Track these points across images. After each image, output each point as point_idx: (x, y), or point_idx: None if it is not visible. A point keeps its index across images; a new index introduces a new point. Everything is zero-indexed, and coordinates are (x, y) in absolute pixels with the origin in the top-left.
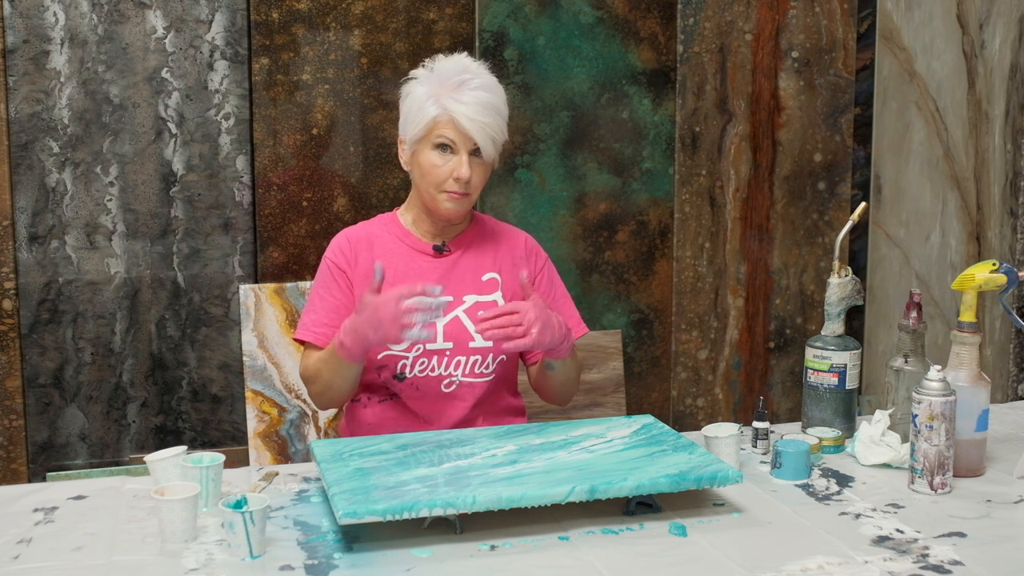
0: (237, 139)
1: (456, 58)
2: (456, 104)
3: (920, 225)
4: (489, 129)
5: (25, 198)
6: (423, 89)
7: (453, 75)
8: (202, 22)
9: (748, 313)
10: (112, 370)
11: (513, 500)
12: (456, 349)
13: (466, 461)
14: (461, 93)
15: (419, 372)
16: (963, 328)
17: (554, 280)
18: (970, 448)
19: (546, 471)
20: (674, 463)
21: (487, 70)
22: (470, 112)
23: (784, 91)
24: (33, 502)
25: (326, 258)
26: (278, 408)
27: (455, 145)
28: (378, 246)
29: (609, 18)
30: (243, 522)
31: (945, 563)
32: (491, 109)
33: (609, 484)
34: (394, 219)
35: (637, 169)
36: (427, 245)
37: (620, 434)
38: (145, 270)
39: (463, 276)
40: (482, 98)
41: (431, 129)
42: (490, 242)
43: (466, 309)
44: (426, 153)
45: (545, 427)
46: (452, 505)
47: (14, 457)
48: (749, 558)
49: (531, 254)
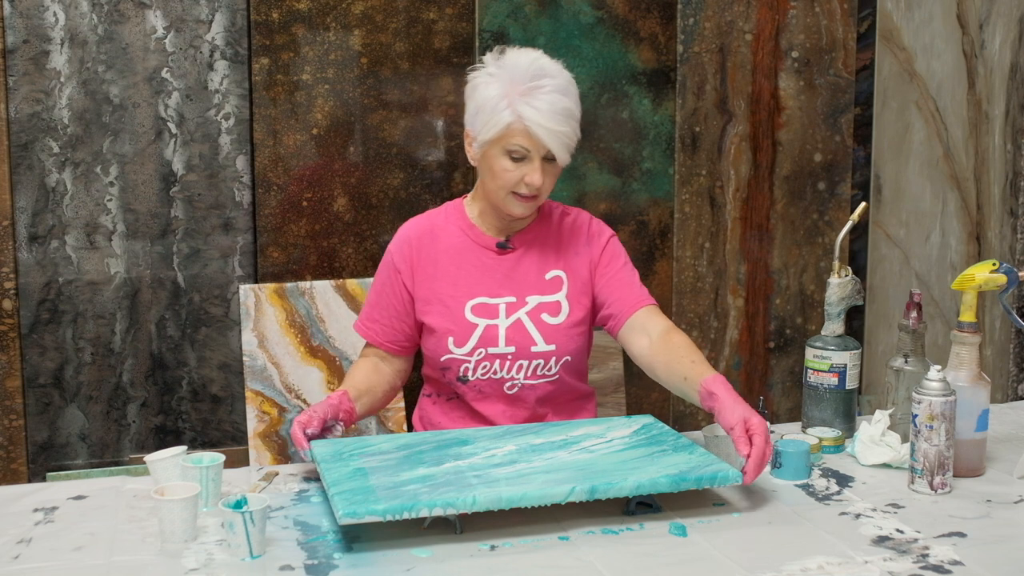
0: (237, 139)
1: (529, 54)
2: (531, 111)
3: (920, 225)
4: (564, 137)
5: (25, 198)
6: (495, 88)
7: (527, 78)
8: (202, 22)
9: (748, 313)
10: (112, 370)
11: (514, 500)
12: (518, 353)
13: (466, 461)
14: (535, 98)
15: (481, 375)
16: (963, 328)
17: (615, 255)
18: (970, 448)
19: (546, 471)
20: (674, 463)
21: (562, 68)
22: (545, 120)
23: (784, 91)
24: (33, 502)
25: (389, 251)
26: (278, 408)
27: (529, 153)
28: (442, 239)
29: (609, 18)
30: (243, 522)
31: (945, 563)
32: (566, 115)
33: (610, 484)
34: (460, 209)
35: (637, 169)
36: (491, 240)
37: (620, 434)
38: (145, 270)
39: (526, 275)
40: (557, 104)
41: (504, 135)
42: (554, 237)
43: (528, 311)
44: (498, 158)
45: (545, 427)
46: (452, 505)
47: (14, 457)
48: (749, 558)
49: (593, 239)
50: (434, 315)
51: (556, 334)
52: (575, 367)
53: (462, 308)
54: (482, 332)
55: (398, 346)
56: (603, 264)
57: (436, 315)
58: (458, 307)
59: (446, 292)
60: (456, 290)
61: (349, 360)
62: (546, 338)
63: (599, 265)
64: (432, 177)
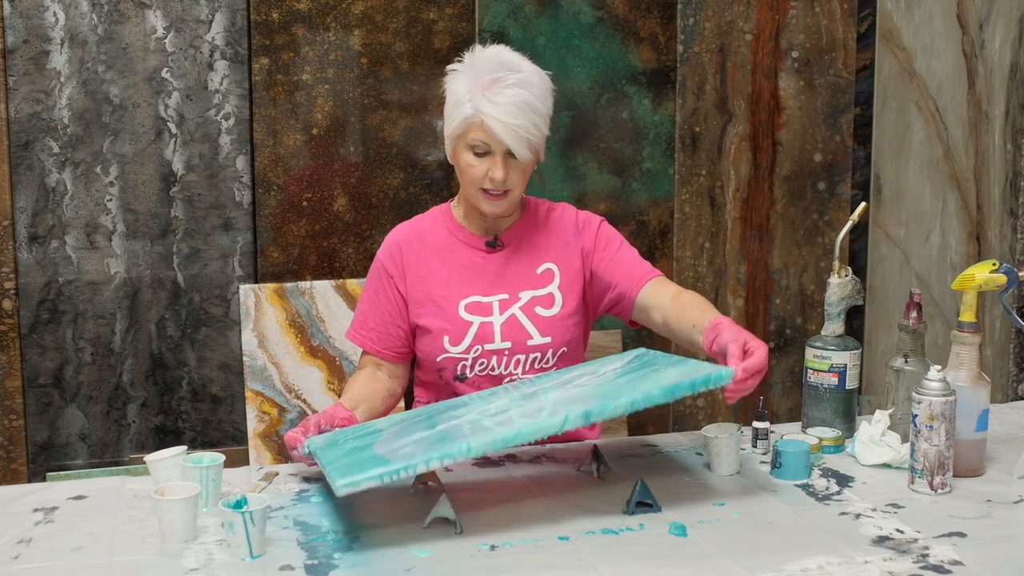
0: (237, 139)
1: (494, 50)
2: (488, 105)
3: (920, 225)
4: (521, 131)
5: (25, 198)
6: (462, 83)
7: (488, 71)
8: (202, 22)
9: (748, 313)
10: (112, 370)
11: (508, 439)
12: (514, 348)
13: (459, 419)
14: (495, 92)
15: (479, 372)
16: (963, 328)
17: (611, 238)
18: (970, 448)
19: (539, 410)
20: (667, 376)
21: (527, 61)
22: (501, 114)
23: (784, 91)
24: (33, 502)
25: (377, 258)
26: (278, 408)
27: (489, 148)
28: (430, 242)
29: (609, 18)
30: (243, 522)
31: (945, 563)
32: (525, 109)
33: (604, 406)
34: (447, 212)
35: (637, 169)
36: (480, 240)
37: (612, 367)
38: (145, 270)
39: (517, 271)
40: (516, 97)
41: (465, 130)
42: (542, 231)
43: (522, 306)
44: (462, 153)
45: (538, 378)
46: (449, 456)
47: (14, 457)
48: (749, 558)
49: (582, 229)
50: (428, 316)
51: (551, 326)
52: (572, 358)
53: (455, 307)
54: (477, 329)
55: (395, 352)
56: (599, 248)
57: (430, 316)
58: (451, 307)
59: (438, 293)
60: (448, 290)
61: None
62: (541, 331)
63: (596, 250)
64: (432, 177)
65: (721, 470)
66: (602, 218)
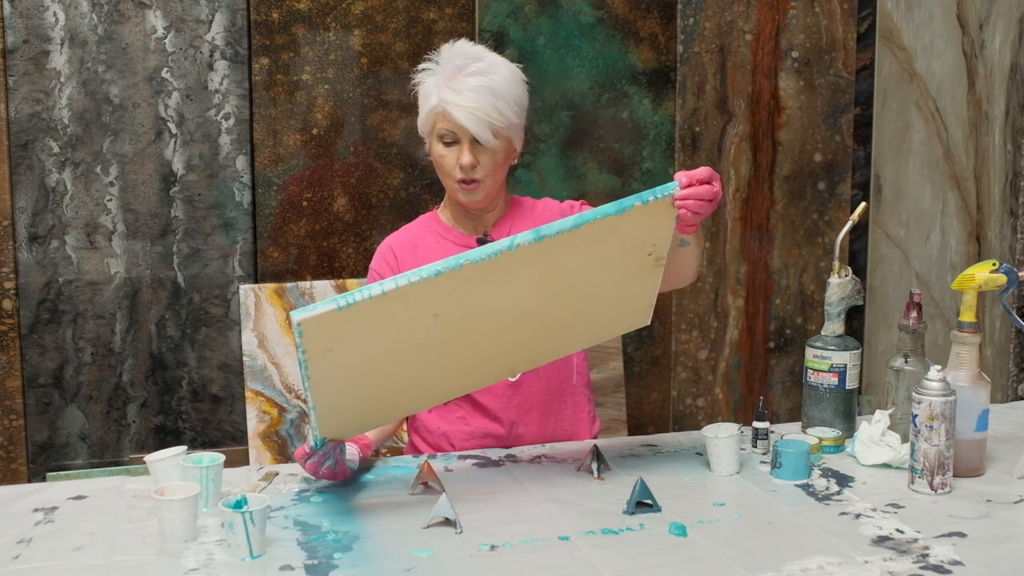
0: (237, 139)
1: (457, 44)
2: (450, 93)
3: (920, 225)
4: (480, 114)
5: (25, 198)
6: (431, 80)
7: (452, 61)
8: (202, 22)
9: (748, 313)
10: (112, 370)
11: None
12: None
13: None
14: (456, 81)
15: None
16: (963, 328)
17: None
18: (970, 448)
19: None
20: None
21: (493, 53)
22: (461, 100)
23: (784, 91)
24: (33, 502)
25: (372, 268)
26: (278, 408)
27: (455, 135)
28: (422, 247)
29: (609, 18)
30: (243, 522)
31: (945, 563)
32: (485, 92)
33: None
34: (435, 218)
35: (637, 169)
36: (470, 239)
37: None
38: (145, 270)
39: None
40: (476, 84)
41: (433, 122)
42: (529, 221)
43: None
44: (434, 145)
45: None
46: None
47: (14, 457)
48: (749, 558)
49: (567, 211)
50: None
51: None
52: None
53: None
54: None
55: None
56: None
57: None
58: None
59: None
60: None
61: None
62: None
63: None
64: (432, 177)
65: (721, 470)
66: (583, 200)
